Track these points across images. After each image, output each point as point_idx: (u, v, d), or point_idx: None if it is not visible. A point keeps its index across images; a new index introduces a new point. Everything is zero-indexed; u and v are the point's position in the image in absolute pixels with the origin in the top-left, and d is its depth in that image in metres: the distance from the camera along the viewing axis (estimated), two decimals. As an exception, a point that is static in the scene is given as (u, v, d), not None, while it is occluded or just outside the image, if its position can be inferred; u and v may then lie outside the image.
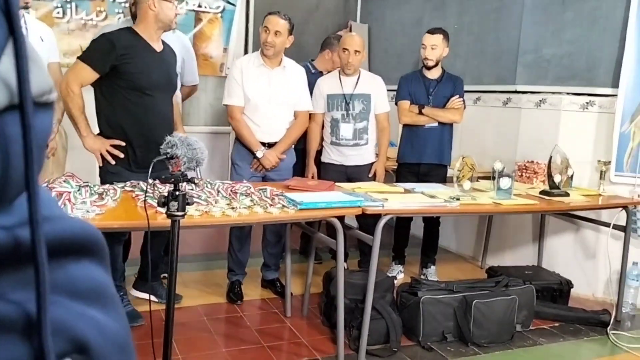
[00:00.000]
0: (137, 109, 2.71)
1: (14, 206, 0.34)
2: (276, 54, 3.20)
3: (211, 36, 5.17)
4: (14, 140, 0.32)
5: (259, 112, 3.22)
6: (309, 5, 5.58)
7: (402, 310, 2.99)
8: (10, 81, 0.31)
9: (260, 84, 3.21)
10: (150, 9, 2.69)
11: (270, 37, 3.13)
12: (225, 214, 2.27)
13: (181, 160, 1.53)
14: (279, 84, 3.24)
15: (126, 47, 2.64)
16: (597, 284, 3.72)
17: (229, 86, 3.25)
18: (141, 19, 2.75)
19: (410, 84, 3.69)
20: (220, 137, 5.41)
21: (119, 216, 2.12)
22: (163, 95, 2.82)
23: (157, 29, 2.74)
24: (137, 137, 2.73)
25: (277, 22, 3.15)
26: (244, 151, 3.26)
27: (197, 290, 3.40)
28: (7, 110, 0.32)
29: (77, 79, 2.64)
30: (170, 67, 2.89)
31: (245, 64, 3.25)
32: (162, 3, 2.70)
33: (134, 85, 2.68)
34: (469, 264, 4.36)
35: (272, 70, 3.23)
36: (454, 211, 2.83)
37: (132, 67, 2.66)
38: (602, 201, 3.32)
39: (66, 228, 0.37)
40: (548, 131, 3.81)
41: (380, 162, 3.65)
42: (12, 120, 0.32)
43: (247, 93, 3.20)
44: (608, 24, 3.59)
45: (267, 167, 3.22)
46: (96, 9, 4.64)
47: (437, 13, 4.76)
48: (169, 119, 2.89)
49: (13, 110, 0.32)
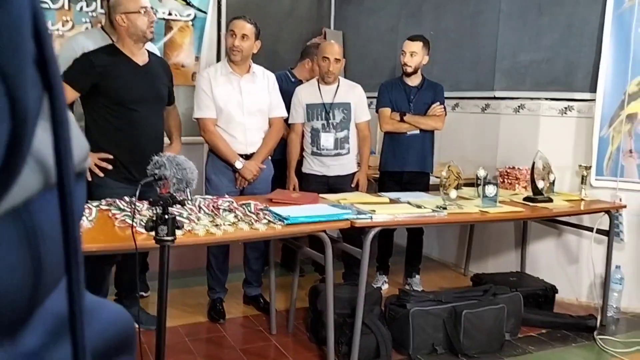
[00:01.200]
0: (122, 124, 2.66)
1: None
2: (244, 59, 3.09)
3: (182, 45, 5.04)
4: (46, 234, 0.23)
5: (233, 122, 3.10)
6: (282, 12, 5.51)
7: (391, 323, 2.92)
8: (46, 158, 0.23)
9: (231, 93, 3.09)
10: (119, 25, 2.65)
11: (237, 41, 3.02)
12: (209, 232, 2.16)
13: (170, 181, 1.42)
14: (251, 91, 3.12)
15: (105, 64, 2.61)
16: (581, 289, 3.72)
17: (198, 99, 3.12)
18: (118, 34, 2.71)
19: (391, 91, 3.65)
20: (194, 148, 5.25)
21: (97, 238, 1.99)
22: (149, 108, 2.75)
23: (133, 42, 2.69)
24: (124, 152, 2.68)
25: (243, 26, 3.05)
26: (221, 164, 3.13)
27: (177, 309, 3.26)
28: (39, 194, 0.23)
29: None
30: (157, 79, 2.81)
31: (212, 74, 3.13)
32: (130, 16, 2.64)
33: (117, 100, 2.64)
34: (452, 271, 4.32)
35: (242, 78, 3.12)
36: (442, 221, 2.79)
37: (113, 83, 2.61)
38: (584, 206, 3.32)
39: (104, 330, 0.29)
40: (528, 137, 3.81)
41: (362, 171, 3.59)
42: (46, 205, 0.23)
43: (218, 103, 3.08)
44: (584, 29, 3.61)
45: (248, 178, 3.11)
46: (62, 18, 4.46)
47: (412, 20, 4.74)
48: (157, 132, 2.83)
49: (46, 190, 0.23)
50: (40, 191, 0.24)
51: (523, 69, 3.90)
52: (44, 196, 0.25)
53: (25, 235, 0.24)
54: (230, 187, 3.11)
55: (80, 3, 4.51)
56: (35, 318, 0.27)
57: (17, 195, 0.23)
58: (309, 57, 3.97)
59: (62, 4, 4.45)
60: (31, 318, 0.26)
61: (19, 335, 0.26)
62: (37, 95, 0.24)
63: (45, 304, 0.27)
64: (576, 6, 3.64)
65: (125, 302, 2.98)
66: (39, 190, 0.24)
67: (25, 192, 0.24)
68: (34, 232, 0.24)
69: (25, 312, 0.25)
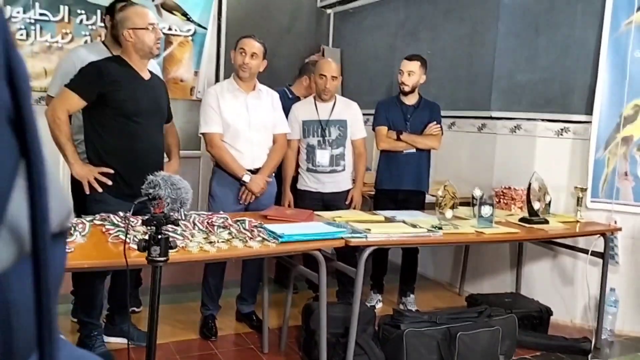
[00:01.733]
0: (125, 136, 2.65)
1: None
2: (251, 77, 3.14)
3: (182, 59, 5.06)
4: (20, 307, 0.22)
5: (240, 138, 3.12)
6: (281, 29, 5.54)
7: (384, 344, 2.89)
8: (20, 226, 0.22)
9: (238, 109, 3.13)
10: (126, 40, 2.64)
11: (247, 59, 3.08)
12: (202, 250, 2.15)
13: (164, 201, 1.41)
14: (256, 108, 3.16)
15: (114, 75, 2.59)
16: (575, 311, 3.70)
17: (205, 114, 3.14)
18: (123, 50, 2.71)
19: (387, 109, 3.66)
20: (190, 162, 5.26)
21: (89, 254, 1.98)
22: (152, 122, 2.74)
23: (139, 58, 2.69)
24: (125, 164, 2.65)
25: (253, 45, 3.11)
26: (228, 179, 3.13)
27: (168, 325, 3.22)
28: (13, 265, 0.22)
29: (64, 106, 2.59)
30: (159, 94, 2.82)
31: (219, 90, 3.17)
32: (137, 32, 2.64)
33: (122, 112, 2.62)
34: (447, 291, 4.30)
35: (248, 95, 3.16)
36: (438, 241, 2.78)
37: (120, 95, 2.60)
38: (580, 228, 3.32)
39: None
40: (524, 157, 3.82)
41: (357, 188, 3.59)
42: (20, 277, 0.22)
43: (226, 119, 3.10)
44: (581, 51, 3.64)
45: (255, 192, 3.10)
46: (61, 31, 4.48)
47: (410, 38, 4.77)
48: (158, 147, 2.82)
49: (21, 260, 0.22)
50: (15, 262, 0.23)
51: (519, 89, 3.92)
52: (19, 266, 0.23)
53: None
54: (234, 205, 3.11)
55: (80, 16, 4.52)
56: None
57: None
58: (306, 74, 3.99)
59: (62, 16, 4.47)
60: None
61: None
62: (12, 160, 0.22)
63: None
64: (573, 28, 3.67)
65: (116, 317, 2.95)
66: (13, 262, 0.23)
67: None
68: (6, 308, 0.23)
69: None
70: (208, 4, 5.10)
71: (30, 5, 4.33)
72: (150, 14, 2.72)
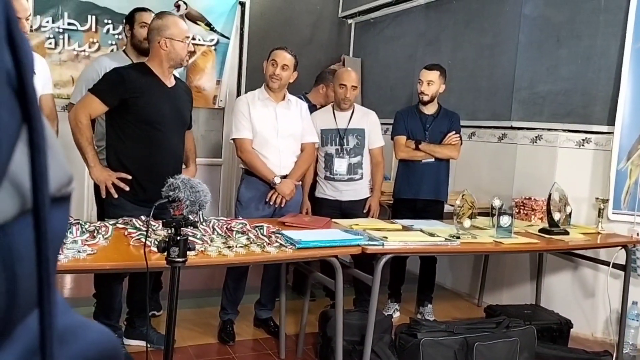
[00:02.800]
0: (146, 142, 2.70)
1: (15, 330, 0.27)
2: (281, 88, 3.20)
3: (205, 69, 5.15)
4: (23, 256, 0.25)
5: (268, 145, 3.18)
6: (303, 39, 5.60)
7: (400, 353, 2.88)
8: (22, 183, 0.25)
9: (267, 118, 3.19)
10: (162, 49, 2.67)
11: (278, 70, 3.14)
12: (221, 254, 2.18)
13: (183, 203, 1.45)
14: (285, 117, 3.22)
15: (136, 82, 2.63)
16: (596, 324, 3.65)
17: (237, 120, 3.21)
18: (153, 56, 2.73)
19: (406, 119, 3.67)
20: (212, 169, 5.34)
21: (111, 256, 2.03)
22: (173, 130, 2.78)
23: (168, 66, 2.74)
24: (143, 171, 2.69)
25: (285, 57, 3.17)
26: (256, 185, 3.19)
27: (188, 330, 3.27)
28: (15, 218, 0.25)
29: (86, 110, 2.64)
30: (181, 103, 2.86)
31: (250, 99, 3.24)
32: (175, 43, 2.67)
33: (143, 119, 2.66)
34: (465, 301, 4.27)
35: (278, 105, 3.22)
36: (455, 250, 2.77)
37: (141, 102, 2.64)
38: (601, 239, 3.28)
39: (83, 351, 0.30)
40: (544, 168, 3.79)
41: (375, 197, 3.61)
42: (22, 230, 0.25)
43: (255, 126, 3.17)
44: (603, 61, 3.61)
45: (285, 194, 3.14)
46: (89, 40, 4.60)
47: (430, 48, 4.78)
48: (178, 154, 2.86)
49: (23, 215, 0.25)
50: (17, 216, 0.25)
51: (540, 99, 3.90)
52: (21, 221, 0.26)
53: (0, 256, 0.25)
54: (262, 209, 3.17)
55: (107, 26, 4.64)
56: (15, 334, 0.27)
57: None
58: (323, 83, 4.03)
59: (89, 26, 4.60)
60: (8, 337, 0.27)
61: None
62: (14, 121, 0.25)
63: (27, 321, 0.28)
64: (595, 39, 3.65)
65: (136, 320, 3.00)
66: (16, 214, 0.25)
67: (2, 214, 0.25)
68: (10, 254, 0.25)
69: (2, 330, 0.26)
70: (231, 14, 5.19)
71: (59, 15, 4.46)
72: (186, 27, 2.77)
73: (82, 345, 0.31)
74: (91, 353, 0.32)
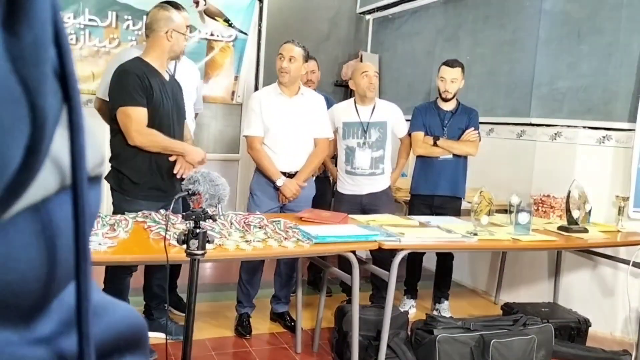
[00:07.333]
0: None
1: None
2: (292, 81, 3.18)
3: (223, 64, 5.18)
4: (62, 229, 0.27)
5: (279, 141, 3.19)
6: (320, 35, 5.60)
7: (416, 349, 2.89)
8: (62, 161, 0.27)
9: (280, 113, 3.19)
10: (167, 40, 2.68)
11: (285, 63, 3.13)
12: (239, 248, 2.21)
13: (203, 197, 1.47)
14: (298, 112, 3.22)
15: (146, 80, 2.64)
16: (615, 323, 3.61)
17: (248, 118, 3.24)
18: (154, 47, 2.71)
19: (424, 115, 3.66)
20: (230, 165, 5.38)
21: (131, 249, 2.06)
22: (173, 122, 2.78)
23: (168, 58, 2.75)
24: (148, 164, 2.68)
25: (291, 49, 3.16)
26: (264, 181, 3.22)
27: (204, 322, 3.31)
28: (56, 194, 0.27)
29: (139, 124, 2.60)
30: (177, 95, 2.85)
31: (264, 95, 3.26)
32: (179, 35, 2.70)
33: (151, 115, 2.66)
34: (482, 299, 4.25)
35: (291, 99, 3.22)
36: (472, 247, 2.76)
37: (152, 99, 2.64)
38: (621, 238, 3.24)
39: (113, 324, 0.32)
40: (564, 165, 3.76)
41: (395, 172, 3.72)
42: (62, 205, 0.27)
43: (266, 123, 3.18)
44: (624, 58, 3.56)
45: (288, 196, 3.17)
46: (109, 36, 4.65)
47: (449, 44, 4.76)
48: None
49: (63, 191, 0.27)
50: (57, 191, 0.27)
51: (560, 96, 3.86)
52: (60, 196, 0.27)
53: (42, 229, 0.26)
54: (271, 204, 3.20)
55: (127, 22, 4.69)
56: (51, 308, 0.29)
57: (36, 193, 0.26)
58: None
59: (110, 22, 4.65)
60: (47, 307, 0.29)
61: (34, 322, 0.28)
62: (57, 104, 0.26)
63: (62, 295, 0.29)
64: (616, 35, 3.59)
65: (154, 312, 3.03)
66: (56, 190, 0.27)
67: (44, 191, 0.26)
68: (50, 227, 0.27)
69: (41, 302, 0.28)
70: (249, 10, 5.21)
71: (80, 11, 4.52)
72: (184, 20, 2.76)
73: (113, 319, 0.33)
74: (122, 326, 0.33)
